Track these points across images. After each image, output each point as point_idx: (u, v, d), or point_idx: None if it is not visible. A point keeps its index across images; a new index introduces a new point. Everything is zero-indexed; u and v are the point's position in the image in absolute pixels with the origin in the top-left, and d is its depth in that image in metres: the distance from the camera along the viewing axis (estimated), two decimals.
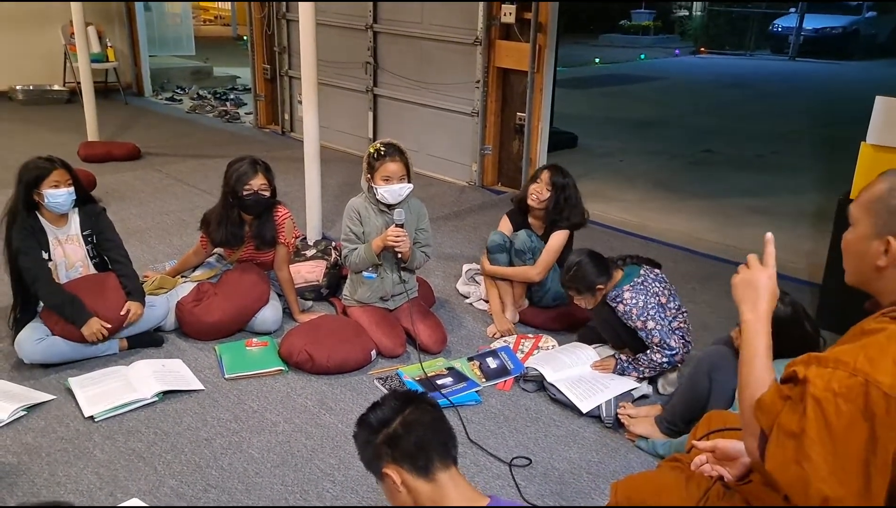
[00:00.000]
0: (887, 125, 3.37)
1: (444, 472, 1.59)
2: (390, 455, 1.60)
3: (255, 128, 7.94)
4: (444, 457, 1.61)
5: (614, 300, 2.98)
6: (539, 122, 5.58)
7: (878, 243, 1.45)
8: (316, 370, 3.10)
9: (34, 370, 3.05)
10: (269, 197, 3.40)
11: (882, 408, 1.31)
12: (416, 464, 1.58)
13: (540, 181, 3.49)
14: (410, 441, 1.58)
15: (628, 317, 2.95)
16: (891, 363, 1.33)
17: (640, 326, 2.94)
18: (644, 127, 8.87)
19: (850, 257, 1.53)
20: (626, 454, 2.68)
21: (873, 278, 1.49)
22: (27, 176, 3.06)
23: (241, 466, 2.55)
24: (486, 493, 1.64)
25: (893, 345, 1.35)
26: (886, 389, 1.31)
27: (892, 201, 1.43)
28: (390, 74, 6.45)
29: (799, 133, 8.71)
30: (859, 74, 14.34)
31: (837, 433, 1.34)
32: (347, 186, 5.60)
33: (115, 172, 5.95)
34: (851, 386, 1.33)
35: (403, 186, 3.22)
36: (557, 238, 3.51)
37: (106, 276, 3.23)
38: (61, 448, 2.60)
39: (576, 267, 3.00)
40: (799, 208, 5.62)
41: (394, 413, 1.62)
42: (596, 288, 3.00)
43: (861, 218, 1.49)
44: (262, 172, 3.37)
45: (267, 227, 3.43)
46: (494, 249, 3.57)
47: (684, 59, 16.89)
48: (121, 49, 9.33)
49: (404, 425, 1.60)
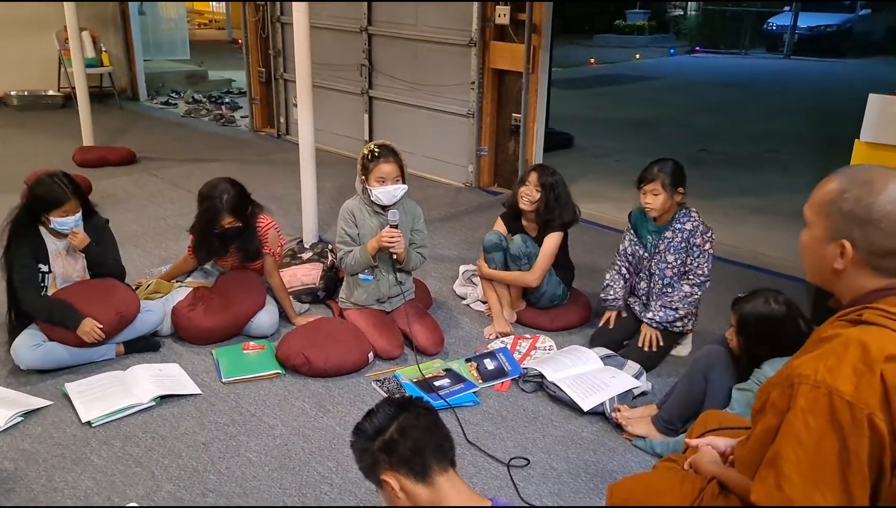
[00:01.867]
0: (881, 122, 3.38)
1: (442, 475, 1.59)
2: (387, 462, 1.60)
3: (250, 131, 7.94)
4: (441, 460, 1.61)
5: (686, 216, 3.18)
6: (534, 122, 5.59)
7: (834, 246, 1.44)
8: (313, 372, 3.10)
9: (31, 375, 3.04)
10: (241, 227, 3.33)
11: (847, 417, 1.31)
12: (414, 469, 1.58)
13: (528, 183, 3.48)
14: (406, 447, 1.58)
15: (694, 233, 3.15)
16: (849, 371, 1.33)
17: (699, 242, 3.14)
18: (640, 127, 8.87)
19: (808, 258, 1.53)
20: (623, 453, 2.68)
21: (832, 278, 1.49)
22: (39, 198, 3.05)
23: (239, 470, 2.54)
24: (484, 494, 1.64)
25: (851, 351, 1.35)
26: (848, 397, 1.31)
27: (843, 205, 1.42)
28: (385, 76, 6.45)
29: (795, 132, 8.72)
30: (854, 72, 14.36)
31: (810, 448, 1.34)
32: (343, 189, 5.59)
33: (111, 176, 5.94)
34: (816, 399, 1.34)
35: (398, 187, 3.22)
36: (551, 241, 3.50)
37: (98, 281, 3.23)
38: (58, 453, 2.59)
39: (674, 162, 3.22)
40: (795, 207, 5.53)
41: (388, 420, 1.63)
42: (678, 190, 3.17)
43: (815, 221, 1.48)
44: (227, 210, 3.26)
45: (249, 242, 3.40)
46: (491, 248, 3.57)
47: (679, 59, 16.92)
48: (115, 54, 9.32)
49: (399, 431, 1.60)
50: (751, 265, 4.45)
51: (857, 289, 1.46)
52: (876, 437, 1.31)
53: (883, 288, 1.43)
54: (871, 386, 1.31)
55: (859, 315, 1.42)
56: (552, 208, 3.47)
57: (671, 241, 3.20)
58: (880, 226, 1.39)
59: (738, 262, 4.50)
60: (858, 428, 1.31)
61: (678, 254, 3.20)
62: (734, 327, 2.56)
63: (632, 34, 18.67)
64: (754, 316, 2.49)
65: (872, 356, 1.33)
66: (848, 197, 1.42)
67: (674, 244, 3.20)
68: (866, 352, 1.34)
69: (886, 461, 1.32)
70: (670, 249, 3.21)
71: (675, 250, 3.20)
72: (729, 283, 4.13)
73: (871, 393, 1.31)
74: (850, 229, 1.42)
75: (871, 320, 1.39)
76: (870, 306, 1.42)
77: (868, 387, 1.31)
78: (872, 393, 1.31)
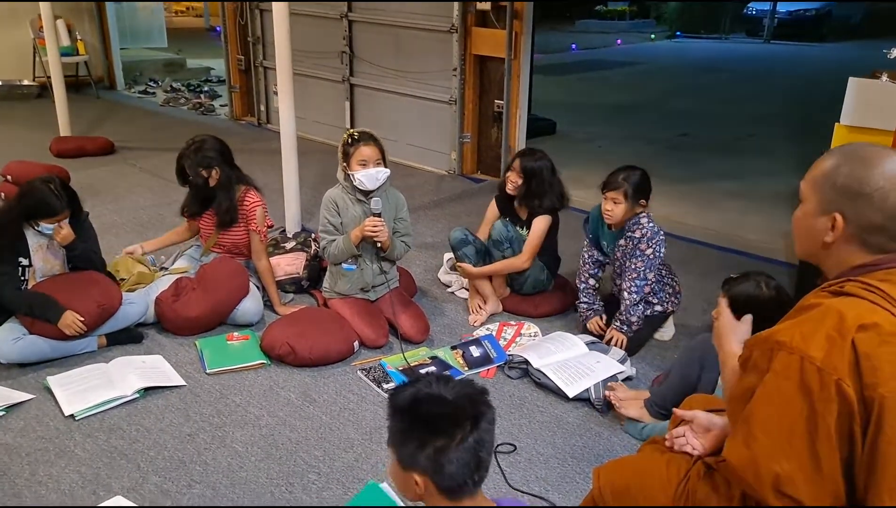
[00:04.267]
0: (860, 106, 3.42)
1: (469, 498, 1.53)
2: (427, 472, 1.49)
3: (230, 120, 7.86)
4: (478, 486, 1.53)
5: (636, 224, 3.16)
6: (517, 109, 5.58)
7: (825, 219, 1.48)
8: (298, 362, 3.09)
9: (11, 369, 3.01)
10: (219, 183, 3.46)
11: (816, 382, 1.35)
12: (448, 487, 1.50)
13: (513, 168, 3.50)
14: (452, 471, 1.47)
15: (642, 240, 3.13)
16: (823, 338, 1.37)
17: (643, 247, 3.12)
18: (621, 112, 8.90)
19: (800, 233, 1.57)
20: (609, 437, 2.70)
21: (821, 253, 1.53)
22: (33, 208, 3.01)
23: (226, 461, 2.53)
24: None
25: (827, 319, 1.39)
26: (819, 363, 1.35)
27: (837, 179, 1.46)
28: (366, 63, 6.40)
29: (774, 116, 8.78)
30: (833, 56, 14.47)
31: (779, 410, 1.38)
32: (325, 178, 5.55)
33: (89, 167, 5.86)
34: (789, 364, 1.38)
35: (380, 170, 3.20)
36: (539, 224, 3.51)
37: (78, 274, 3.20)
38: (41, 447, 2.57)
39: (641, 173, 3.16)
40: (775, 190, 5.67)
41: (453, 427, 1.47)
42: (640, 201, 3.16)
43: (809, 195, 1.52)
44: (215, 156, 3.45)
45: (224, 201, 3.47)
46: (458, 245, 3.57)
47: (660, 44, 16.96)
48: (91, 42, 9.17)
49: (458, 450, 1.46)
50: (730, 249, 4.48)
51: (844, 263, 1.49)
52: (844, 403, 1.34)
53: (868, 263, 1.46)
54: (841, 353, 1.34)
55: (841, 287, 1.45)
56: (533, 194, 3.47)
57: (625, 249, 3.22)
58: (872, 200, 1.42)
59: (717, 245, 4.54)
60: (826, 393, 1.34)
61: (633, 260, 3.20)
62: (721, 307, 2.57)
63: (612, 19, 18.67)
64: (744, 298, 2.50)
65: (847, 325, 1.36)
66: (842, 171, 1.45)
67: (627, 252, 3.21)
68: (842, 321, 1.37)
69: (857, 428, 1.35)
70: (626, 255, 3.22)
71: (631, 258, 3.20)
72: (708, 267, 4.17)
73: (840, 360, 1.34)
74: (843, 202, 1.45)
75: (851, 291, 1.43)
76: (853, 279, 1.45)
77: (838, 354, 1.34)
78: (842, 360, 1.34)
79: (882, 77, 3.49)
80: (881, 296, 1.40)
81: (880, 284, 1.42)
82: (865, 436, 1.35)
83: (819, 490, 1.37)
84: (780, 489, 1.38)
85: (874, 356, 1.34)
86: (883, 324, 1.37)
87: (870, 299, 1.40)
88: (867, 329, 1.36)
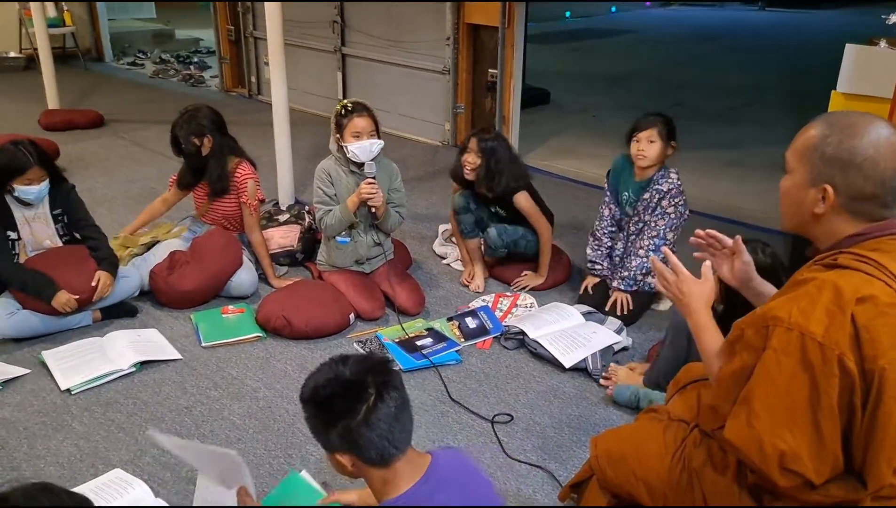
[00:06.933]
0: (857, 73, 3.39)
1: (401, 458, 1.52)
2: (346, 449, 1.50)
3: (221, 91, 7.77)
4: (403, 448, 1.52)
5: (664, 177, 3.14)
6: (511, 78, 5.52)
7: (815, 190, 1.47)
8: (294, 334, 3.08)
9: (6, 344, 2.99)
10: (212, 152, 3.47)
11: (818, 357, 1.35)
12: (372, 458, 1.50)
13: (469, 150, 3.42)
14: (369, 442, 1.47)
15: (666, 196, 3.11)
16: (822, 313, 1.36)
17: (665, 204, 3.10)
18: (616, 81, 8.83)
19: (788, 204, 1.55)
20: (605, 407, 2.72)
21: (810, 225, 1.51)
22: (2, 167, 2.95)
23: (223, 433, 2.54)
24: (469, 451, 1.63)
25: (824, 294, 1.38)
26: (820, 338, 1.35)
27: (826, 149, 1.44)
28: (358, 32, 6.32)
29: (770, 84, 8.74)
30: (829, 23, 14.37)
31: (781, 387, 1.38)
32: (318, 149, 5.50)
33: (78, 140, 5.79)
34: (788, 341, 1.37)
35: (374, 141, 3.17)
36: (524, 201, 3.45)
37: (73, 248, 3.17)
38: (39, 421, 2.57)
39: (665, 117, 3.16)
40: (771, 159, 5.65)
41: (354, 402, 1.47)
42: (671, 143, 3.15)
43: (797, 166, 1.50)
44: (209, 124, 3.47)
45: (217, 170, 3.47)
46: (461, 210, 3.55)
47: (654, 12, 16.79)
48: (78, 13, 9.01)
49: (366, 423, 1.46)
50: (726, 218, 4.47)
51: (835, 234, 1.48)
52: (846, 377, 1.34)
53: (860, 233, 1.45)
54: (841, 327, 1.34)
55: (834, 260, 1.45)
56: (493, 174, 3.38)
57: (648, 202, 3.18)
58: (862, 169, 1.41)
59: (714, 215, 4.53)
60: (829, 369, 1.34)
61: (653, 216, 3.19)
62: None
63: None
64: None
65: (845, 298, 1.36)
66: (830, 141, 1.44)
67: (651, 206, 3.18)
68: (839, 294, 1.36)
69: (857, 400, 1.36)
70: (648, 210, 3.19)
71: (652, 214, 3.18)
72: None
73: (841, 334, 1.34)
74: (832, 173, 1.44)
75: (845, 263, 1.42)
76: (845, 251, 1.44)
77: (839, 328, 1.34)
78: (843, 334, 1.34)
79: (881, 44, 3.46)
80: (875, 267, 1.40)
81: (872, 254, 1.41)
82: (865, 408, 1.36)
83: (822, 464, 1.38)
84: (786, 466, 1.39)
85: (872, 328, 1.34)
86: (879, 295, 1.36)
87: (864, 270, 1.39)
88: (865, 302, 1.35)
